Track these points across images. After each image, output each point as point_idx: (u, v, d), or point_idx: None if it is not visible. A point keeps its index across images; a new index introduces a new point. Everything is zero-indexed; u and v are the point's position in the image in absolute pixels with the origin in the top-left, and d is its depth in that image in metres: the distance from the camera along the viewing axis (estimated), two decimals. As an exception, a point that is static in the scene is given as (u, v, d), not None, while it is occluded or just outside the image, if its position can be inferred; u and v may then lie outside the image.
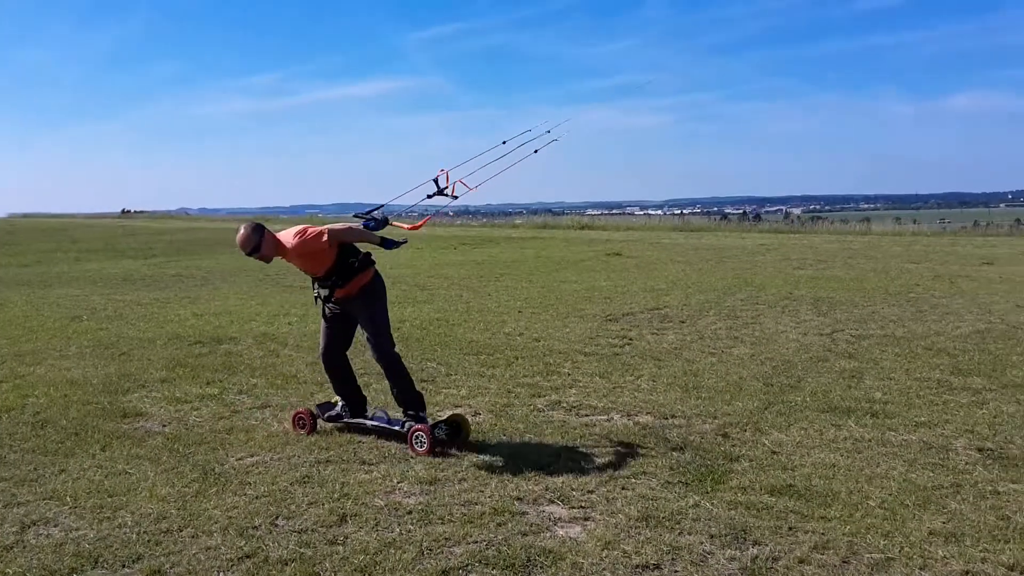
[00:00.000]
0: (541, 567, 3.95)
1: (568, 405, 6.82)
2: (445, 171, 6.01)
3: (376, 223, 5.82)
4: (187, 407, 6.94)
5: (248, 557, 4.07)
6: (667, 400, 6.91)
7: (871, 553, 4.02)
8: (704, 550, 4.08)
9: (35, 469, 5.43)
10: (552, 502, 4.73)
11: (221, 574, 3.94)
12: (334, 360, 6.05)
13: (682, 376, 7.76)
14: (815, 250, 23.20)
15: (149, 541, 4.27)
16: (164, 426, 6.42)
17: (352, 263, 5.74)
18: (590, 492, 4.86)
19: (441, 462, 5.39)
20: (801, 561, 3.95)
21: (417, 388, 5.94)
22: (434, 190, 6.07)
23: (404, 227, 6.04)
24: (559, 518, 4.52)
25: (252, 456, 5.64)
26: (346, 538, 4.28)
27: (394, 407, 6.09)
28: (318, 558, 4.05)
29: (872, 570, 3.87)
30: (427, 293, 14.41)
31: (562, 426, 6.21)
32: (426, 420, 5.75)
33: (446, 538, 4.25)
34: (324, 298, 5.85)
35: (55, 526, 4.52)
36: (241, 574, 3.93)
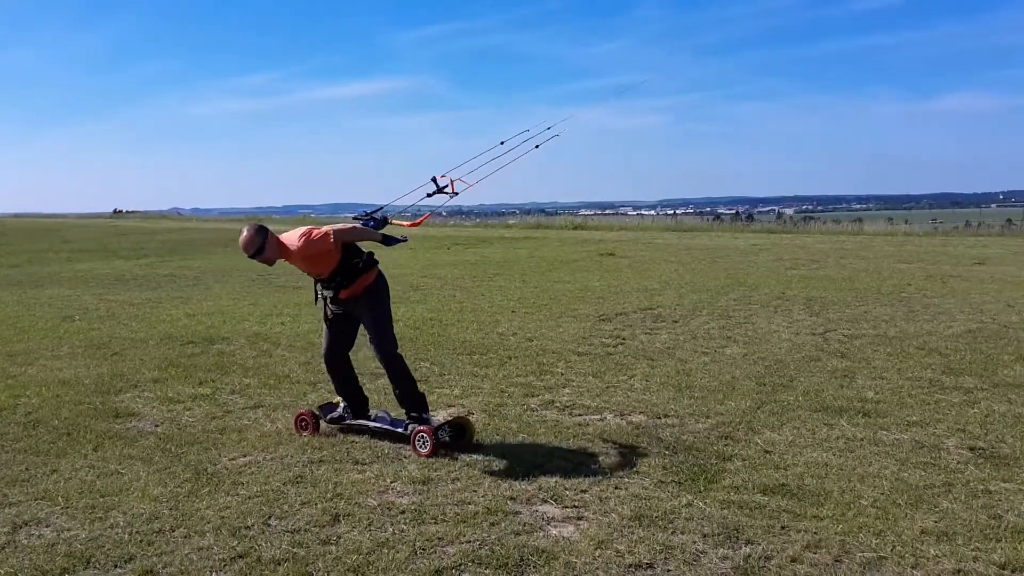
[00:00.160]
0: (534, 566, 3.95)
1: (561, 405, 6.82)
2: (447, 176, 6.04)
3: (376, 223, 5.83)
4: (180, 407, 6.92)
5: (241, 557, 4.07)
6: (660, 400, 6.92)
7: (863, 552, 4.03)
8: (697, 549, 4.09)
9: (27, 469, 5.41)
10: (545, 501, 4.74)
11: (214, 574, 3.93)
12: (336, 361, 6.03)
13: (675, 376, 7.77)
14: (807, 250, 23.25)
15: (141, 541, 4.26)
16: (156, 426, 6.40)
17: (356, 263, 5.72)
18: (583, 491, 4.86)
19: (434, 462, 5.39)
20: (793, 560, 3.96)
21: (419, 389, 5.93)
22: (433, 189, 6.08)
23: (404, 225, 6.05)
24: (552, 517, 4.52)
25: (245, 456, 5.63)
26: (339, 538, 4.28)
27: (395, 407, 6.07)
28: (311, 558, 4.04)
29: (864, 569, 3.89)
30: (420, 293, 14.40)
31: (555, 426, 6.22)
32: (429, 421, 5.73)
33: (439, 538, 4.25)
34: (329, 299, 5.84)
35: (47, 526, 4.50)
36: (234, 574, 3.92)
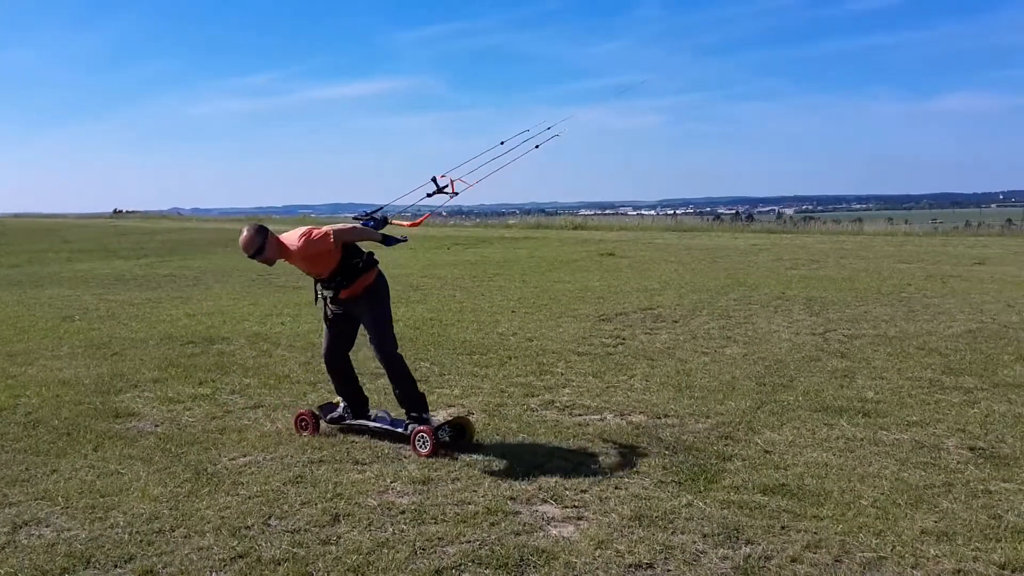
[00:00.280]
0: (534, 566, 3.95)
1: (561, 405, 6.82)
2: (447, 177, 6.04)
3: (376, 223, 5.83)
4: (180, 407, 6.92)
5: (241, 557, 4.07)
6: (660, 400, 6.92)
7: (863, 552, 4.03)
8: (697, 549, 4.09)
9: (27, 469, 5.41)
10: (545, 501, 4.74)
11: (214, 574, 3.93)
12: (336, 361, 6.03)
13: (675, 376, 7.77)
14: (807, 250, 23.25)
15: (141, 541, 4.26)
16: (156, 426, 6.40)
17: (356, 263, 5.72)
18: (583, 491, 4.86)
19: (434, 462, 5.38)
20: (793, 560, 3.96)
21: (419, 389, 5.92)
22: (433, 189, 6.08)
23: (404, 225, 6.05)
24: (552, 517, 4.52)
25: (245, 456, 5.63)
26: (339, 538, 4.28)
27: (395, 407, 6.07)
28: (311, 558, 4.04)
29: (864, 569, 3.89)
30: (420, 293, 14.40)
31: (555, 426, 6.22)
32: (429, 421, 5.72)
33: (439, 538, 4.25)
34: (329, 299, 5.83)
35: (47, 526, 4.50)
36: (234, 574, 3.92)
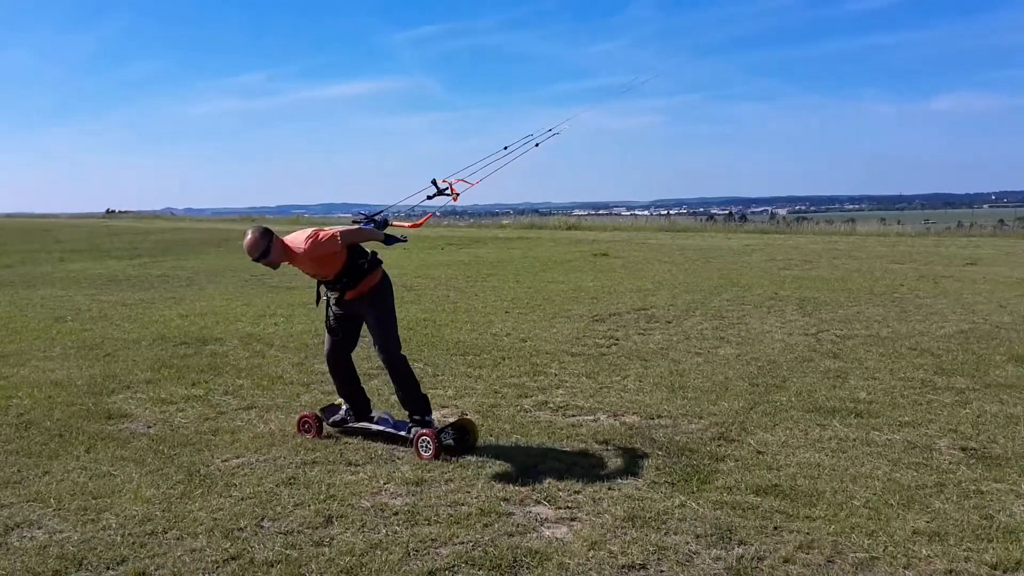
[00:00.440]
0: (527, 568, 3.95)
1: (555, 405, 6.82)
2: (446, 181, 6.05)
3: (376, 225, 5.84)
4: (172, 408, 6.91)
5: (234, 559, 4.06)
6: (653, 400, 6.93)
7: (856, 552, 4.05)
8: (690, 550, 4.10)
9: (19, 471, 5.39)
10: (538, 503, 4.74)
11: (206, 576, 3.93)
12: (339, 362, 6.00)
13: (668, 376, 7.78)
14: (800, 250, 23.32)
15: (134, 543, 4.25)
16: (149, 427, 6.39)
17: (362, 264, 5.71)
18: (576, 492, 4.86)
19: (427, 463, 5.38)
20: (786, 560, 3.97)
21: (422, 391, 5.90)
22: (434, 191, 6.09)
23: (405, 226, 6.04)
24: (545, 518, 4.53)
25: (238, 458, 5.61)
26: (332, 539, 4.27)
27: (398, 409, 6.05)
28: (304, 560, 4.04)
29: (856, 569, 3.90)
30: (414, 293, 14.39)
31: (549, 426, 6.22)
32: (432, 424, 5.71)
33: (432, 539, 4.25)
34: (335, 301, 5.82)
35: (39, 528, 4.49)
36: (226, 576, 3.92)
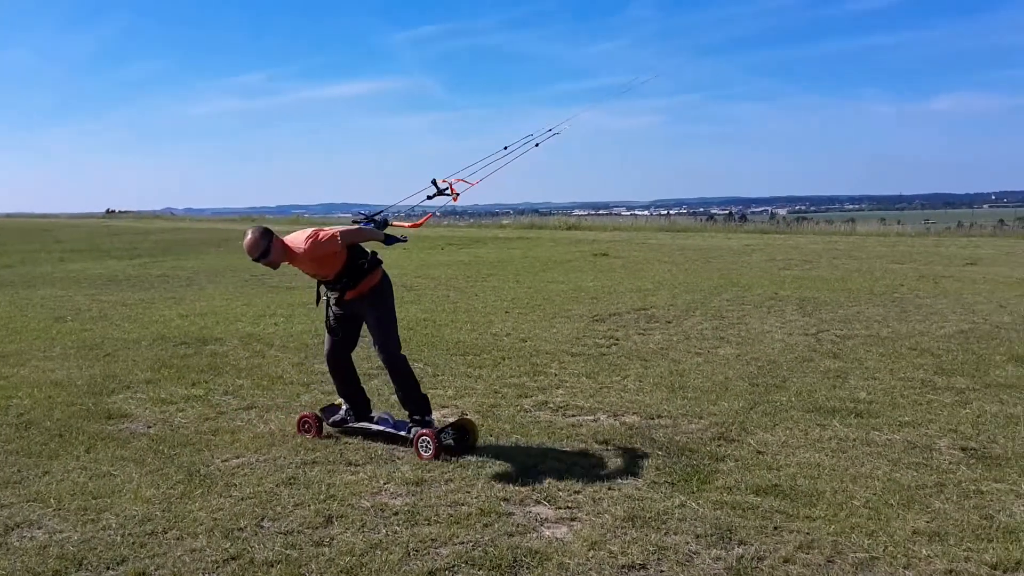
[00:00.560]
0: (527, 567, 3.95)
1: (555, 405, 6.82)
2: (446, 181, 6.06)
3: (376, 225, 5.84)
4: (172, 408, 6.91)
5: (234, 559, 4.06)
6: (653, 400, 6.93)
7: (856, 552, 4.05)
8: (690, 550, 4.10)
9: (19, 471, 5.39)
10: (538, 503, 4.74)
11: (206, 576, 3.93)
12: (339, 361, 6.00)
13: (668, 376, 7.78)
14: (800, 250, 23.32)
15: (134, 543, 4.25)
16: (149, 427, 6.39)
17: (362, 264, 5.71)
18: (576, 492, 4.86)
19: (427, 463, 5.38)
20: (786, 561, 3.97)
21: (422, 391, 5.89)
22: (434, 191, 6.09)
23: (406, 226, 6.04)
24: (545, 518, 4.53)
25: (238, 458, 5.61)
26: (332, 539, 4.27)
27: (398, 409, 6.04)
28: (304, 560, 4.04)
29: (856, 569, 3.90)
30: (414, 293, 14.39)
31: (549, 426, 6.22)
32: (432, 424, 5.70)
33: (432, 539, 4.25)
34: (335, 301, 5.82)
35: (39, 528, 4.49)
36: (226, 576, 3.92)
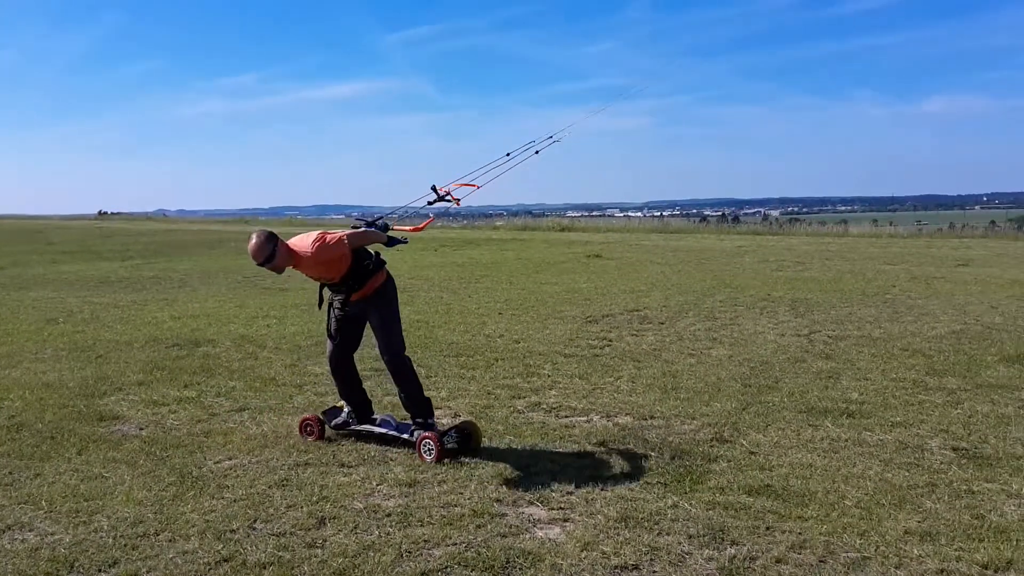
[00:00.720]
0: (520, 568, 3.95)
1: (548, 407, 6.83)
2: (445, 188, 6.06)
3: (377, 229, 5.84)
4: (164, 410, 6.89)
5: (226, 561, 4.05)
6: (646, 401, 6.94)
7: (847, 552, 4.06)
8: (682, 550, 4.10)
9: (10, 473, 5.37)
10: (531, 503, 4.74)
11: (199, 578, 3.92)
12: (341, 363, 5.98)
13: (661, 377, 7.79)
14: (793, 252, 23.37)
15: (125, 545, 4.24)
16: (141, 429, 6.37)
17: (367, 265, 5.71)
18: (569, 493, 4.87)
19: (420, 464, 5.38)
20: (778, 561, 3.98)
21: (425, 393, 5.87)
22: (434, 197, 6.09)
23: (407, 230, 6.04)
24: (538, 519, 4.53)
25: (230, 459, 5.60)
26: (325, 541, 4.27)
27: (392, 411, 6.03)
28: (296, 561, 4.03)
29: (848, 569, 3.91)
30: (407, 295, 14.36)
31: (542, 427, 6.23)
32: (435, 427, 5.68)
33: (425, 540, 4.25)
34: (340, 303, 5.80)
35: (30, 530, 4.48)
36: (219, 578, 3.91)
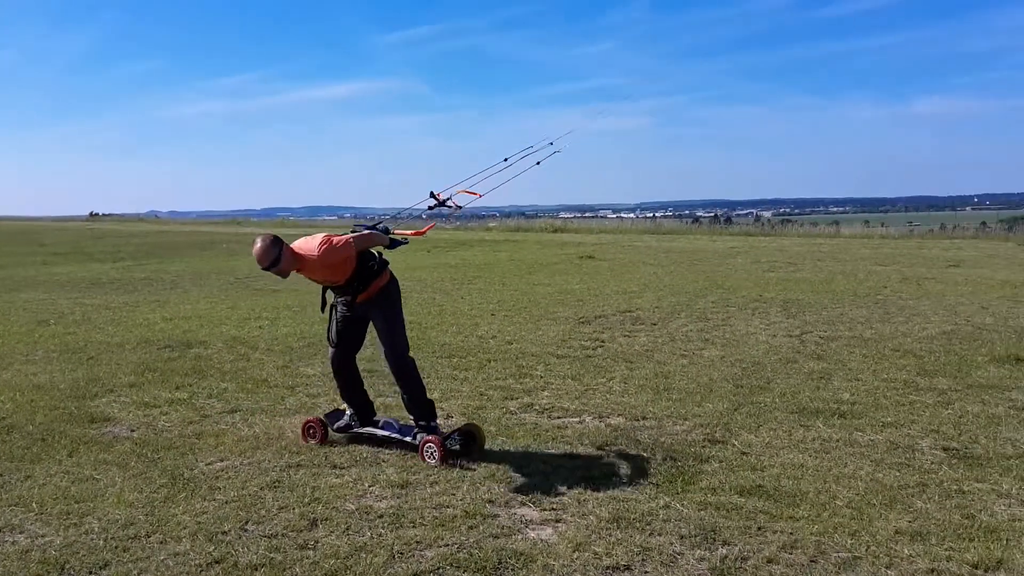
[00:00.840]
0: (512, 569, 3.95)
1: (540, 407, 6.83)
2: (441, 195, 6.07)
3: (378, 232, 5.85)
4: (156, 412, 6.87)
5: (217, 563, 4.04)
6: (638, 402, 6.95)
7: (838, 552, 4.07)
8: (674, 551, 4.11)
9: (0, 475, 5.35)
10: (523, 504, 4.75)
11: (190, 580, 3.91)
12: (344, 364, 5.96)
13: (653, 378, 7.80)
14: (785, 253, 23.43)
15: (116, 547, 4.22)
16: (132, 431, 6.35)
17: (372, 266, 5.71)
18: (561, 494, 4.87)
19: (412, 465, 5.38)
20: (769, 561, 3.99)
21: (428, 396, 5.85)
22: (433, 203, 6.10)
23: (408, 233, 6.04)
24: (530, 520, 4.53)
25: (222, 461, 5.59)
26: (316, 542, 4.26)
27: (400, 413, 6.02)
28: (288, 563, 4.03)
29: (839, 569, 3.92)
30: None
31: (534, 428, 6.23)
32: (437, 430, 5.67)
33: (417, 541, 4.25)
34: (345, 304, 5.79)
35: (21, 533, 4.46)
36: (210, 580, 3.90)
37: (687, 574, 3.91)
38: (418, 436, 5.64)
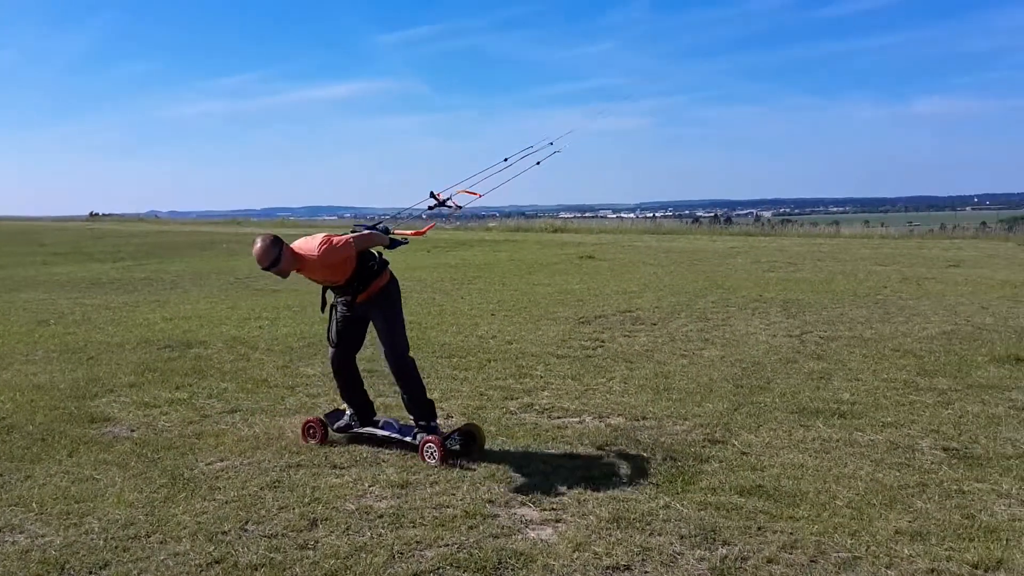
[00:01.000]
0: (512, 569, 3.95)
1: (540, 407, 6.83)
2: (442, 194, 6.07)
3: (378, 232, 5.85)
4: (156, 412, 6.87)
5: (217, 563, 4.04)
6: (638, 402, 6.95)
7: (838, 552, 4.07)
8: (674, 551, 4.11)
9: (0, 475, 5.35)
10: (523, 504, 4.75)
11: (190, 580, 3.91)
12: (344, 364, 5.96)
13: (653, 378, 7.80)
14: (785, 253, 23.43)
15: (117, 547, 4.22)
16: (132, 431, 6.35)
17: (372, 266, 5.70)
18: (561, 494, 4.87)
19: (412, 465, 5.38)
20: (769, 561, 3.99)
21: (428, 396, 5.84)
22: (433, 203, 6.09)
23: (408, 233, 6.04)
24: (530, 520, 4.53)
25: (222, 461, 5.59)
26: (317, 542, 4.26)
27: (400, 413, 6.02)
28: (288, 563, 4.03)
29: (839, 569, 3.92)
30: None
31: (534, 428, 6.23)
32: (438, 430, 5.67)
33: (417, 541, 4.25)
34: (346, 304, 5.79)
35: (21, 533, 4.46)
36: (210, 580, 3.90)
37: (687, 574, 3.91)
38: (418, 436, 5.64)
